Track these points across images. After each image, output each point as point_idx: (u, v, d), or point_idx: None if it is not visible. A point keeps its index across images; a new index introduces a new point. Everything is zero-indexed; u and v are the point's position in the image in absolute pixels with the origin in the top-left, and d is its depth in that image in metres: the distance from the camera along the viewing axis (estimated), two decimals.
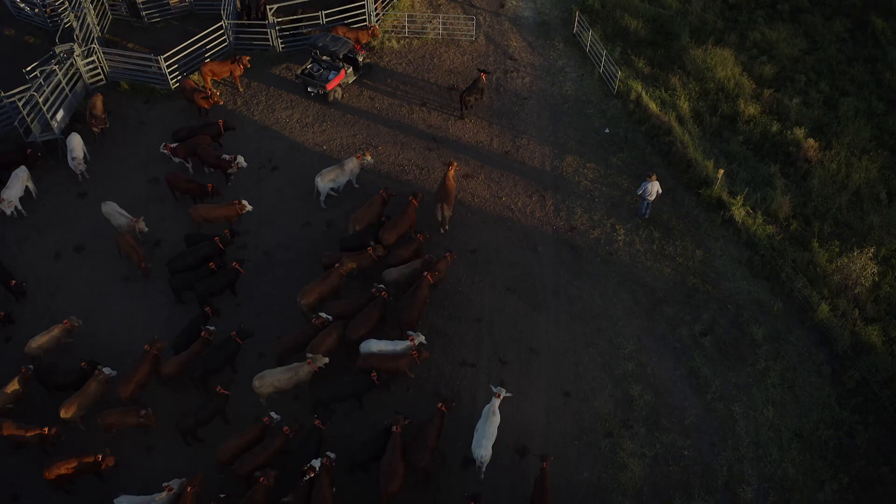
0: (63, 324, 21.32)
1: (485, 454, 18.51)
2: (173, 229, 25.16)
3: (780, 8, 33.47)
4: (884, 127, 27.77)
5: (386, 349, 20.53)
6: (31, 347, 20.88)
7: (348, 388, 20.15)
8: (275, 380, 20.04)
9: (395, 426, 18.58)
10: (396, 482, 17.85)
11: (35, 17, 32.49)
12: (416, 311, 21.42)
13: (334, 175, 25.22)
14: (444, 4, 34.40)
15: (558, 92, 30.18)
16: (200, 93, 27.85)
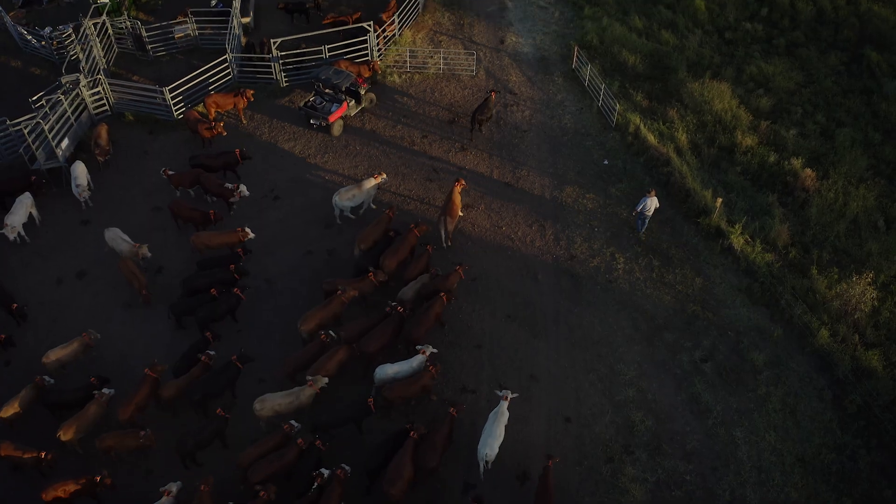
0: (82, 337, 21.51)
1: (490, 453, 18.83)
2: (176, 257, 25.34)
3: (775, 43, 34.04)
4: (880, 156, 28.09)
5: (402, 370, 20.69)
6: (49, 359, 21.02)
7: (348, 412, 20.11)
8: (275, 404, 20.00)
9: (412, 432, 18.83)
10: (400, 486, 17.98)
11: (41, 50, 33.07)
12: (425, 328, 21.67)
13: (352, 194, 25.63)
14: (444, 41, 34.97)
15: (557, 125, 30.54)
16: (204, 123, 28.20)
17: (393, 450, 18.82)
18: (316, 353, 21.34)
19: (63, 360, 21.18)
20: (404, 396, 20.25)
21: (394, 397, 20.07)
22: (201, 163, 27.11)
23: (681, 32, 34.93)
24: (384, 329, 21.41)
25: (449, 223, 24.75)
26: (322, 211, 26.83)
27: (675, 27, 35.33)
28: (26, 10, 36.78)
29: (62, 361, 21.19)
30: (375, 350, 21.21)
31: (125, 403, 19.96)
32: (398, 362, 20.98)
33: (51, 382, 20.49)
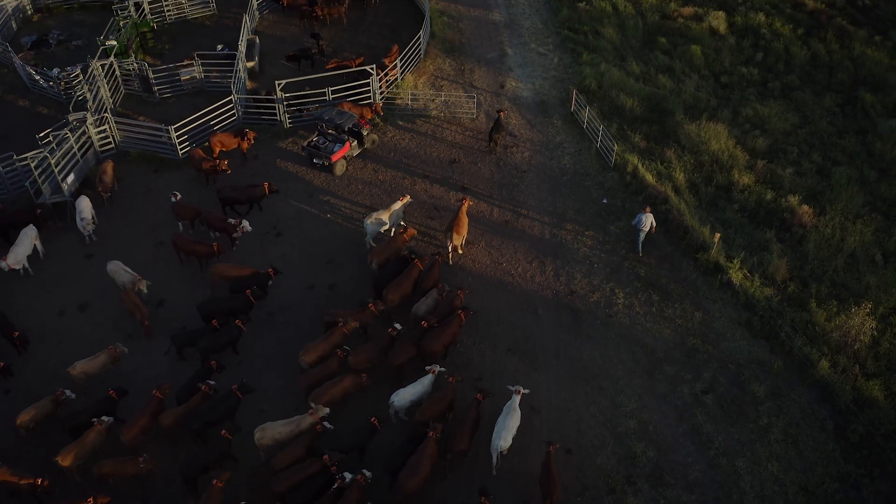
0: (109, 350, 22.00)
1: (504, 444, 19.56)
2: (178, 290, 25.51)
3: (771, 86, 34.68)
4: (876, 193, 28.42)
5: (416, 391, 21.10)
6: (75, 371, 21.47)
7: (352, 438, 20.12)
8: (276, 432, 19.94)
9: (431, 432, 19.26)
10: (416, 481, 18.47)
11: (49, 90, 33.69)
12: (442, 344, 22.17)
13: (381, 217, 26.33)
14: (445, 85, 35.59)
15: (557, 165, 30.91)
16: (209, 161, 28.55)
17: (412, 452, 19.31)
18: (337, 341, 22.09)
19: (89, 373, 21.67)
20: (437, 414, 20.62)
21: (427, 419, 20.34)
22: (228, 195, 27.54)
23: (677, 77, 35.61)
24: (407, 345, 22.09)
25: (455, 239, 25.48)
26: (323, 247, 27.06)
27: (671, 72, 36.03)
28: (35, 51, 37.64)
29: (88, 374, 21.68)
30: (402, 364, 21.90)
31: (129, 425, 20.07)
32: (409, 386, 21.26)
33: (71, 397, 20.83)
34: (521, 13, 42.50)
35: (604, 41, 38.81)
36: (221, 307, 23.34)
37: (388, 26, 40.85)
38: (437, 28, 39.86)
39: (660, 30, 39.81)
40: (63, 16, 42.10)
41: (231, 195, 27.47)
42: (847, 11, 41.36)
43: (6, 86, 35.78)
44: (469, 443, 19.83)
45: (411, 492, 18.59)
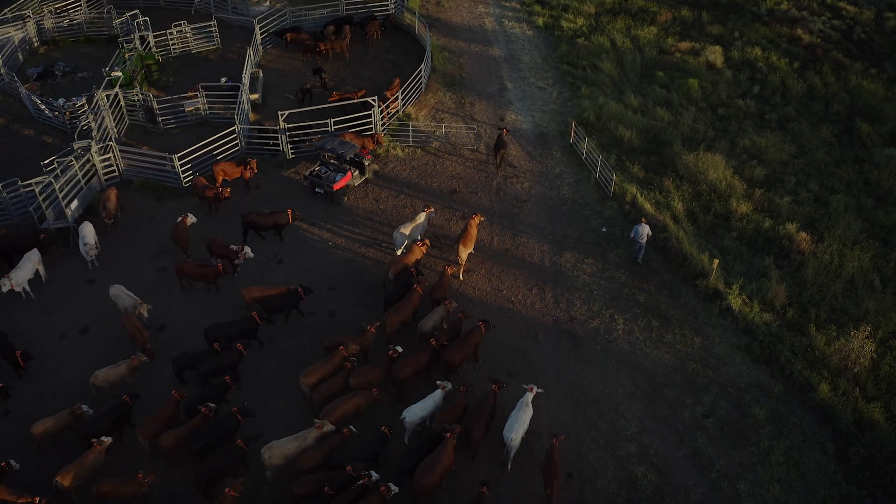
0: (130, 359, 22.28)
1: (515, 437, 20.12)
2: (179, 315, 25.62)
3: (767, 117, 35.11)
4: (874, 220, 28.65)
5: (426, 406, 21.29)
6: (97, 379, 21.82)
7: (365, 448, 20.19)
8: (284, 450, 19.90)
9: (449, 433, 19.63)
10: (431, 478, 18.84)
11: (54, 119, 34.14)
12: (463, 355, 22.71)
13: (410, 228, 27.10)
14: (446, 118, 36.01)
15: (556, 195, 31.17)
16: (212, 189, 28.83)
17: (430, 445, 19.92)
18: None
19: (111, 381, 21.98)
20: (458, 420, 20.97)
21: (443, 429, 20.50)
22: (252, 220, 27.90)
23: (675, 109, 36.07)
24: (417, 357, 22.36)
25: (462, 251, 26.23)
26: (324, 274, 27.19)
27: (669, 105, 36.50)
28: (41, 82, 38.22)
29: (110, 382, 21.98)
30: (407, 377, 22.11)
31: (146, 424, 20.53)
32: (419, 402, 21.39)
33: (88, 412, 20.92)
34: (521, 49, 43.17)
35: (602, 75, 39.37)
36: (228, 331, 23.44)
37: (389, 61, 41.50)
38: (437, 62, 40.46)
39: (657, 64, 40.41)
40: (69, 48, 42.85)
41: (255, 221, 27.90)
42: (842, 45, 42.06)
43: (12, 115, 36.31)
44: (485, 432, 20.56)
45: (426, 488, 18.94)
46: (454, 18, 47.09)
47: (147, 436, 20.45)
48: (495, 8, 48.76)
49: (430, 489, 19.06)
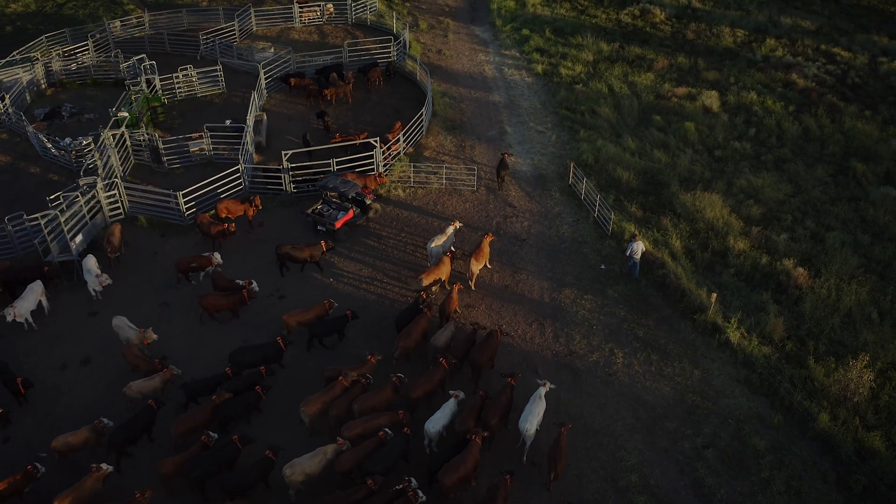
0: (164, 372, 22.86)
1: (530, 427, 21.27)
2: (180, 348, 25.75)
3: (763, 159, 35.60)
4: (870, 256, 28.90)
5: (445, 415, 21.98)
6: (131, 391, 22.38)
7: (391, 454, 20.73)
8: (305, 467, 20.09)
9: (474, 436, 20.41)
10: (453, 477, 19.53)
11: (60, 158, 34.62)
12: (488, 356, 23.98)
13: (442, 240, 28.74)
14: (447, 159, 36.48)
15: (555, 234, 31.45)
16: (217, 225, 29.16)
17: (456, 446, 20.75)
18: None
19: (144, 393, 22.52)
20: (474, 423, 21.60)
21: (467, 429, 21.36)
22: (287, 252, 28.39)
23: (672, 152, 36.58)
24: (431, 377, 23.01)
25: (474, 265, 27.59)
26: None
27: (666, 147, 37.02)
28: (48, 122, 38.85)
29: (143, 394, 22.51)
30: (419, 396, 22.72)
31: (182, 420, 21.40)
32: (437, 413, 22.01)
33: (109, 425, 21.31)
34: (520, 95, 43.95)
35: (600, 119, 40.01)
36: (253, 355, 23.88)
37: (391, 106, 42.22)
38: (438, 107, 41.17)
39: (655, 109, 41.11)
40: (76, 91, 43.68)
41: (290, 254, 28.35)
42: (837, 89, 42.87)
43: (18, 153, 36.89)
44: (500, 420, 21.69)
45: (450, 487, 19.57)
46: (455, 66, 48.01)
47: (179, 434, 21.42)
48: (495, 56, 49.75)
49: (453, 488, 19.69)
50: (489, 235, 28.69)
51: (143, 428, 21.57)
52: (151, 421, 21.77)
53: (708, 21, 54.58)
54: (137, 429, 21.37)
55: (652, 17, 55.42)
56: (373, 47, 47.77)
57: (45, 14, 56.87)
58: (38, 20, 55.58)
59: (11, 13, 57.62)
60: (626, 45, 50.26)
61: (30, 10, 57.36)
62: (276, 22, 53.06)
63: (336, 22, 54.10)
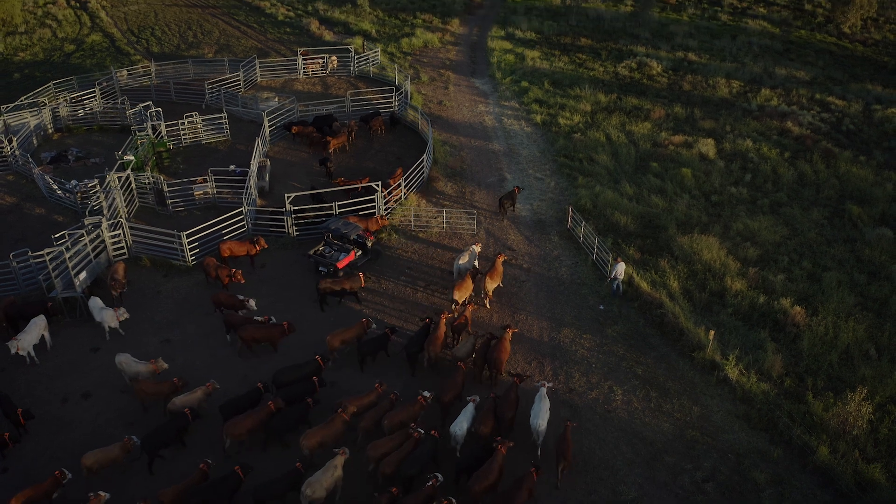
0: (206, 386, 23.91)
1: (541, 423, 22.79)
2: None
3: (760, 203, 36.13)
4: (867, 294, 29.19)
5: (467, 418, 23.20)
6: (174, 406, 23.31)
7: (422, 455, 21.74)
8: (323, 482, 20.68)
9: (500, 446, 21.49)
10: (484, 483, 20.66)
11: (65, 200, 35.17)
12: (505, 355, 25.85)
13: (466, 258, 30.57)
14: (447, 205, 37.00)
15: (554, 276, 31.77)
16: (224, 269, 29.54)
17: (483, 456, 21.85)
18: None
19: (187, 406, 23.34)
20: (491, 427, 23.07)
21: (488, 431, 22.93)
22: (327, 287, 29.08)
23: (669, 197, 37.12)
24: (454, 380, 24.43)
25: (489, 283, 29.20)
26: (324, 347, 27.35)
27: (663, 193, 37.58)
28: (54, 165, 39.54)
29: (187, 406, 23.35)
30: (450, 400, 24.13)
31: (239, 421, 22.50)
32: (460, 417, 23.11)
33: (137, 442, 22.09)
34: (520, 143, 44.71)
35: (598, 167, 40.69)
36: (298, 374, 24.80)
37: (393, 154, 42.97)
38: (439, 155, 41.90)
39: (652, 156, 41.83)
40: (82, 136, 44.56)
41: (330, 288, 29.11)
42: (832, 136, 43.67)
43: (24, 194, 37.52)
44: (514, 413, 23.51)
45: (479, 493, 20.59)
46: (455, 116, 48.93)
47: (235, 434, 22.51)
48: (495, 107, 50.72)
49: (482, 494, 20.68)
50: (502, 255, 30.32)
51: (176, 435, 22.46)
52: (184, 429, 22.67)
53: (704, 73, 55.84)
54: (170, 435, 22.26)
55: (649, 69, 56.68)
56: (375, 97, 48.76)
57: (53, 63, 58.26)
58: (46, 68, 56.91)
59: (20, 61, 59.00)
60: (623, 96, 51.36)
61: (38, 59, 58.75)
62: (280, 73, 54.26)
63: (339, 74, 55.33)
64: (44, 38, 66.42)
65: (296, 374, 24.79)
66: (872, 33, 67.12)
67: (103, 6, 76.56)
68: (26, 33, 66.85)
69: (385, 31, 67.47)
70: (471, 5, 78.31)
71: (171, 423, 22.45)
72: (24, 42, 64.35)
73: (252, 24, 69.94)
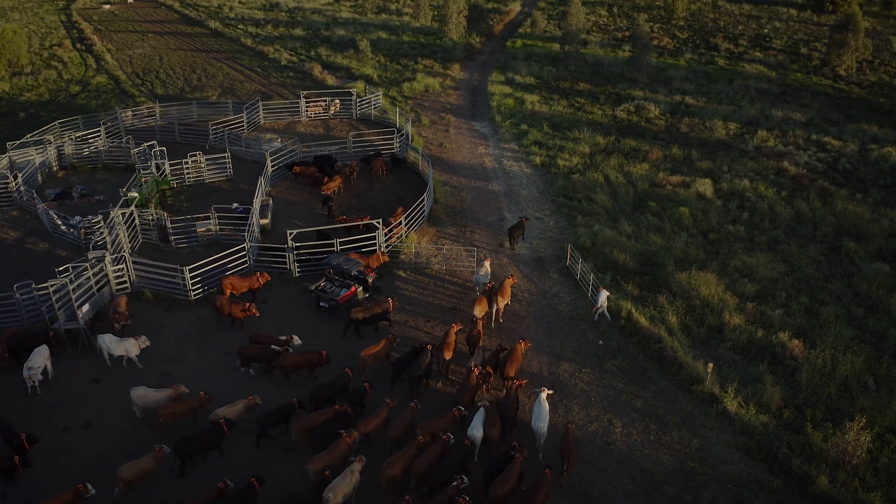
0: (247, 400, 24.94)
1: (542, 425, 24.23)
2: None
3: (757, 240, 36.55)
4: (864, 328, 29.47)
5: (482, 421, 24.52)
6: (216, 416, 24.25)
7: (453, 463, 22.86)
8: (343, 487, 21.56)
9: (518, 454, 22.71)
10: (505, 489, 21.79)
11: (69, 235, 35.62)
12: (518, 366, 27.14)
13: (483, 273, 32.57)
14: (447, 243, 37.43)
15: (554, 312, 32.08)
16: (238, 304, 29.92)
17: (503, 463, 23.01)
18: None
19: (230, 418, 24.17)
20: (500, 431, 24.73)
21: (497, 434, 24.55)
22: (359, 317, 29.94)
23: (667, 235, 37.59)
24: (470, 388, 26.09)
25: (500, 301, 30.78)
26: (326, 379, 27.55)
27: (661, 231, 38.06)
28: (58, 202, 40.07)
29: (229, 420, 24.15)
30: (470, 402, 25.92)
31: (302, 421, 23.97)
32: (474, 421, 24.47)
33: (167, 451, 22.95)
34: (519, 184, 45.33)
35: (597, 206, 41.25)
36: (334, 390, 25.97)
37: (394, 194, 43.57)
38: (439, 195, 42.47)
39: (650, 196, 42.41)
40: (86, 174, 45.22)
41: (362, 316, 29.97)
42: (828, 175, 44.31)
43: (28, 230, 38.04)
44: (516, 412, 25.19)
45: (501, 497, 21.68)
46: (456, 158, 49.65)
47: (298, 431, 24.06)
48: (495, 149, 51.47)
49: (503, 498, 21.75)
50: (511, 278, 31.99)
51: (209, 443, 23.44)
52: (218, 439, 23.60)
53: (701, 116, 56.80)
54: (204, 443, 23.30)
55: (647, 112, 57.64)
56: (376, 139, 49.55)
57: (58, 103, 59.28)
58: (52, 108, 57.92)
59: (25, 101, 60.02)
60: (621, 138, 52.19)
61: (43, 99, 59.77)
62: (282, 116, 55.18)
63: (341, 116, 56.26)
64: (49, 79, 67.70)
65: (331, 390, 25.92)
66: (868, 75, 68.38)
67: (109, 49, 78.09)
68: (32, 74, 68.17)
69: (387, 76, 68.72)
70: (471, 51, 79.81)
71: (206, 431, 23.45)
72: (29, 83, 65.58)
73: (256, 68, 71.25)
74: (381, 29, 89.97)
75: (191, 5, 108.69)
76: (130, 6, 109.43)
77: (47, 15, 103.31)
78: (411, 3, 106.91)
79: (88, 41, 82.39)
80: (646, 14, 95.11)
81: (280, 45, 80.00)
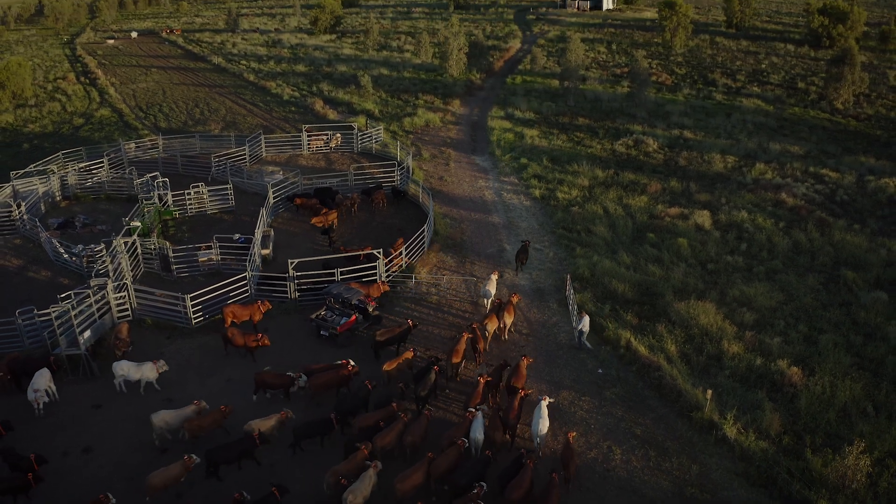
0: (280, 414, 25.79)
1: (542, 430, 25.49)
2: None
3: (755, 271, 36.87)
4: (863, 355, 29.71)
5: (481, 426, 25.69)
6: (250, 426, 25.09)
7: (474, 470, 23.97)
8: (362, 489, 22.44)
9: (528, 461, 23.75)
10: (519, 492, 22.71)
11: (71, 263, 35.99)
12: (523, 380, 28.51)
13: (491, 287, 34.16)
14: (447, 274, 37.79)
15: (553, 341, 32.35)
16: (250, 335, 30.23)
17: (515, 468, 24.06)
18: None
19: (263, 432, 25.07)
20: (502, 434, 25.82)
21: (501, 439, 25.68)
22: (381, 341, 30.79)
23: (666, 266, 37.96)
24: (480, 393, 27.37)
25: (507, 318, 32.20)
26: (327, 404, 27.78)
27: (660, 262, 38.44)
28: (61, 231, 40.52)
29: (263, 433, 25.03)
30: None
31: (364, 418, 25.55)
32: (474, 424, 25.59)
33: (197, 461, 23.48)
34: (519, 216, 45.82)
35: (596, 238, 41.69)
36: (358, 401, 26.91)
37: (394, 226, 44.06)
38: (439, 227, 42.95)
39: (648, 227, 42.87)
40: (89, 204, 45.71)
41: (388, 339, 30.81)
42: (826, 206, 44.78)
43: (30, 258, 38.48)
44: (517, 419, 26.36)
45: (516, 500, 22.57)
46: (456, 191, 50.22)
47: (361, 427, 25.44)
48: (494, 182, 52.07)
49: (518, 502, 22.64)
50: (516, 296, 33.63)
51: (239, 454, 24.23)
52: (249, 450, 24.40)
53: (699, 149, 57.50)
54: (233, 453, 24.09)
55: (645, 146, 58.36)
56: (377, 172, 50.15)
57: (62, 135, 60.08)
58: (55, 139, 58.69)
59: (29, 132, 60.81)
60: (620, 171, 52.81)
61: (47, 131, 60.54)
62: (284, 149, 55.88)
63: (342, 150, 56.95)
64: (53, 111, 68.65)
65: (355, 402, 26.81)
66: (865, 108, 69.20)
67: (112, 83, 79.18)
68: (36, 106, 69.15)
69: (388, 111, 69.66)
70: (471, 87, 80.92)
71: (238, 442, 24.23)
72: (33, 115, 66.49)
73: (258, 102, 72.25)
74: (383, 65, 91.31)
75: (194, 41, 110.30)
76: (134, 41, 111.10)
77: (52, 49, 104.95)
78: (412, 40, 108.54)
79: (92, 75, 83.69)
80: (644, 50, 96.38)
81: (282, 80, 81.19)
